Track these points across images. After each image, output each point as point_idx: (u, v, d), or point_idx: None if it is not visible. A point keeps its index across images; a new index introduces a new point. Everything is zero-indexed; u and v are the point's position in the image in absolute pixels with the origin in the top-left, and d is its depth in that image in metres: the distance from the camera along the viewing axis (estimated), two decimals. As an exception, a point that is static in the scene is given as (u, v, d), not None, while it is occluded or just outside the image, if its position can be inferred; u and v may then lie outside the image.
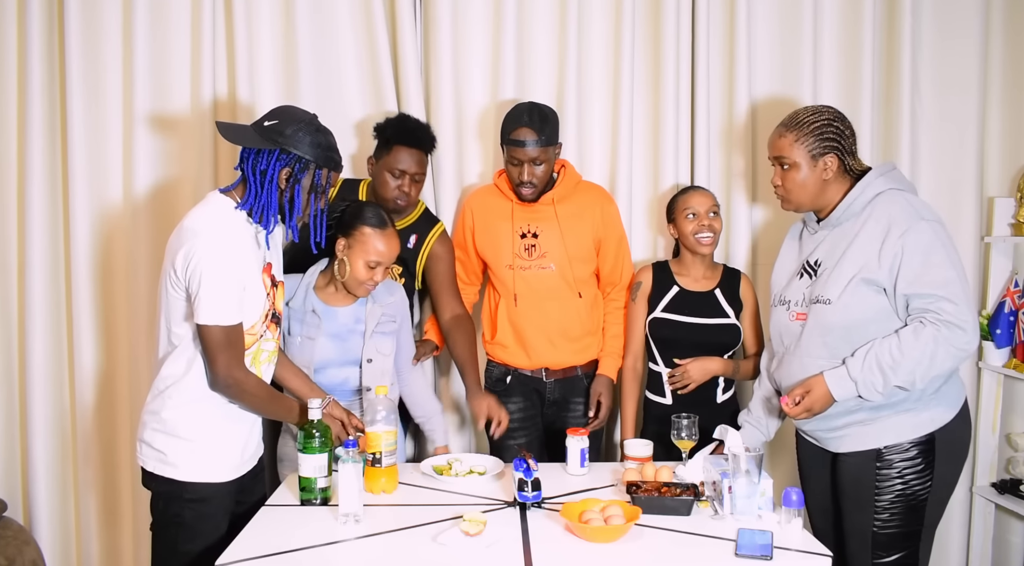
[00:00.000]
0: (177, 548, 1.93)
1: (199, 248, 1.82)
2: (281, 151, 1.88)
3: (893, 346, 1.92)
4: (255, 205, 1.90)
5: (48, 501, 2.84)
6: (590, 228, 2.57)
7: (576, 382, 2.61)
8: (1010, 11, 2.89)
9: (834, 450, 2.10)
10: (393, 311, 2.35)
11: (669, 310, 2.49)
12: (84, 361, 2.79)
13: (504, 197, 2.59)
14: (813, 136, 2.04)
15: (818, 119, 2.05)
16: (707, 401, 2.46)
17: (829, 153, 2.04)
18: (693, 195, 2.49)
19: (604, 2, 2.83)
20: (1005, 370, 2.85)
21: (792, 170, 2.07)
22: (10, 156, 2.82)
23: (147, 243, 2.73)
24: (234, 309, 1.87)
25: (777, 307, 2.19)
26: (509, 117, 2.47)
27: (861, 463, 2.03)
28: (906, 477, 1.98)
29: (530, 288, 2.56)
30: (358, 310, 2.30)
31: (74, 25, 2.69)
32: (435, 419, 2.47)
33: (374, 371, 2.29)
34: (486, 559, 1.68)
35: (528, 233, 2.56)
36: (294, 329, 2.26)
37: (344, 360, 2.28)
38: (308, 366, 2.24)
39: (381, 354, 2.31)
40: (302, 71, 2.76)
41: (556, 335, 2.57)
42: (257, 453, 2.10)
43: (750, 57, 2.79)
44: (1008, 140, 2.92)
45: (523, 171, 2.46)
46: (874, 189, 2.02)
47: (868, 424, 2.01)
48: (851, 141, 2.07)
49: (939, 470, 1.99)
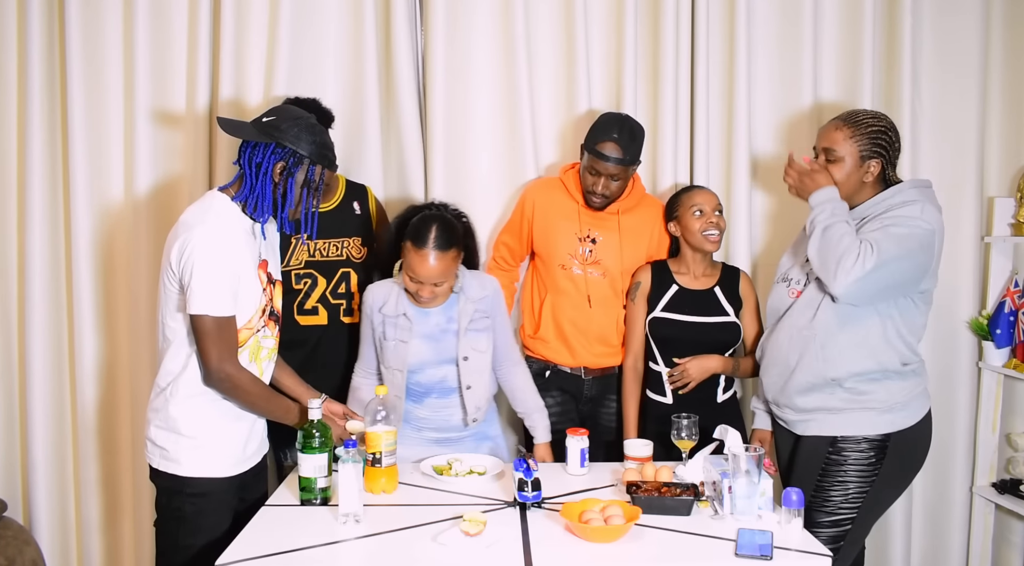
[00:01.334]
0: (179, 542, 1.95)
1: (193, 239, 1.85)
2: (277, 145, 1.91)
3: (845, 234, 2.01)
4: (250, 197, 1.93)
5: (48, 501, 2.84)
6: (646, 243, 2.59)
7: (613, 380, 2.62)
8: (1010, 12, 2.90)
9: (799, 432, 2.21)
10: (486, 307, 2.33)
11: (668, 309, 2.49)
12: (84, 360, 2.79)
13: (570, 196, 2.59)
14: (867, 137, 2.10)
15: (876, 124, 2.12)
16: (708, 400, 2.46)
17: (876, 158, 2.11)
18: (699, 193, 2.50)
19: (605, 3, 2.83)
20: (1005, 370, 2.85)
21: (837, 164, 2.12)
22: (10, 155, 2.82)
23: (147, 242, 2.73)
24: (226, 300, 1.88)
25: (779, 284, 2.28)
26: (599, 126, 2.47)
27: (816, 446, 2.15)
28: (850, 470, 2.09)
29: (579, 291, 2.56)
30: (449, 309, 2.30)
31: (74, 24, 2.69)
32: (535, 415, 2.44)
33: (471, 369, 2.30)
34: (486, 559, 1.68)
35: (588, 238, 2.57)
36: (388, 333, 2.27)
37: (439, 359, 2.29)
38: (402, 369, 2.26)
39: (477, 351, 2.31)
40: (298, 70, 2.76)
41: (595, 340, 2.58)
42: (260, 451, 2.11)
43: (750, 58, 2.80)
44: (1008, 140, 2.93)
45: (599, 182, 2.47)
46: (903, 197, 2.08)
47: (833, 413, 2.13)
48: (897, 154, 2.15)
49: (884, 471, 2.10)
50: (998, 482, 2.91)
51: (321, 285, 2.49)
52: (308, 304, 2.48)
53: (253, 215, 1.96)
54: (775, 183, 2.91)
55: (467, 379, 2.30)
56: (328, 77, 2.78)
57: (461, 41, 2.80)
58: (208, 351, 1.87)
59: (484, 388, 2.34)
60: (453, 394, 2.32)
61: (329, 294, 2.51)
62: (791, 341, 2.16)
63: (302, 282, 2.48)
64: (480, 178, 2.85)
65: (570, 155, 2.82)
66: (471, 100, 2.83)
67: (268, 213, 1.97)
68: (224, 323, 1.88)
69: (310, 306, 2.49)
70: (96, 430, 2.82)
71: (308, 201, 1.98)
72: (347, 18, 2.78)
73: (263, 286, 1.99)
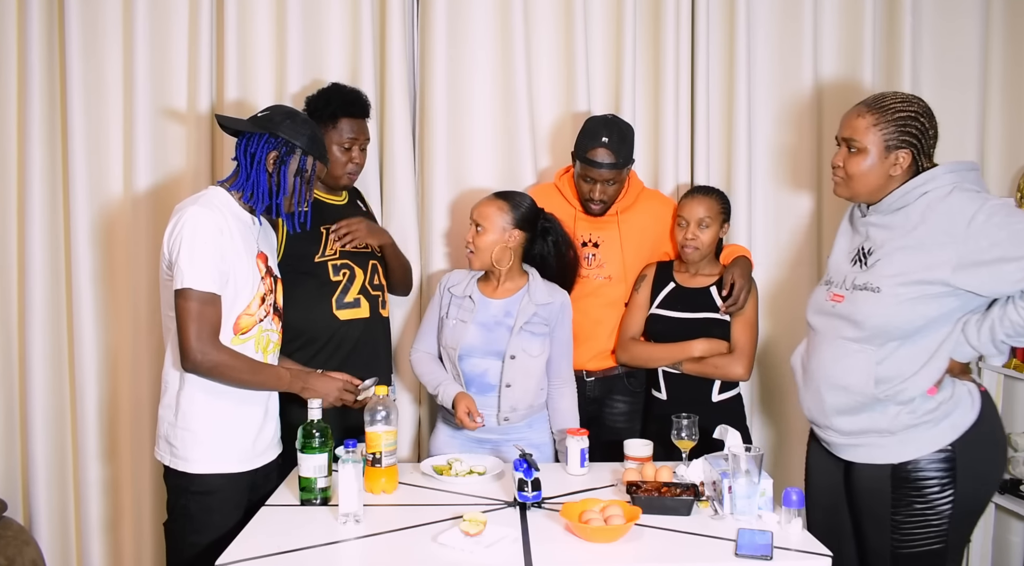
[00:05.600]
0: (185, 539, 1.98)
1: (183, 218, 1.90)
2: (270, 135, 1.99)
3: (1022, 312, 1.77)
4: (245, 185, 2.00)
5: (48, 501, 2.84)
6: (651, 240, 2.58)
7: (616, 381, 2.61)
8: (1010, 11, 2.90)
9: (849, 459, 1.98)
10: (547, 314, 2.33)
11: (663, 306, 2.49)
12: (85, 360, 2.78)
13: (566, 202, 2.57)
14: (894, 125, 1.85)
15: (905, 109, 1.86)
16: (703, 400, 2.45)
17: (905, 148, 1.86)
18: (688, 202, 2.47)
19: (605, 2, 2.83)
20: (1005, 370, 2.85)
21: (859, 155, 1.88)
22: (10, 154, 2.82)
23: (147, 241, 2.74)
24: (211, 275, 1.88)
25: (820, 287, 2.06)
26: (586, 132, 2.43)
27: (876, 476, 1.91)
28: (925, 494, 1.85)
29: (585, 295, 2.54)
30: (511, 304, 2.33)
31: (74, 23, 2.69)
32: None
33: (515, 367, 2.30)
34: (486, 559, 1.68)
35: (589, 242, 2.56)
36: (451, 312, 2.36)
37: (486, 350, 2.31)
38: (455, 348, 2.31)
39: (527, 353, 2.31)
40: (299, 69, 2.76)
41: (604, 342, 2.57)
42: (271, 449, 2.12)
43: (750, 57, 2.80)
44: (1008, 140, 2.93)
45: (595, 189, 2.46)
46: (937, 183, 1.84)
47: (886, 436, 1.89)
48: (932, 142, 1.89)
49: (962, 486, 1.85)
50: (998, 482, 2.90)
51: (360, 276, 2.44)
52: (349, 297, 2.41)
53: (250, 203, 2.02)
54: (775, 182, 2.92)
55: (508, 376, 2.30)
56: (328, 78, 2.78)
57: (460, 42, 2.80)
58: (187, 329, 1.87)
59: (525, 392, 2.33)
60: (491, 392, 2.32)
61: (368, 285, 2.46)
62: (837, 357, 1.92)
63: (340, 273, 2.40)
64: (479, 180, 2.84)
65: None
66: (470, 101, 2.83)
67: (264, 202, 2.02)
68: (207, 300, 1.88)
69: (351, 298, 2.41)
70: (97, 430, 2.82)
71: (301, 191, 2.04)
72: (346, 20, 2.77)
73: (261, 275, 2.02)
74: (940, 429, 1.86)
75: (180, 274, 1.87)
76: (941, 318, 1.84)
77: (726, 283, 2.44)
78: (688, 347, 2.43)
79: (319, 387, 2.08)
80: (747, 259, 2.53)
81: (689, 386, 2.46)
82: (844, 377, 1.92)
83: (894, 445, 1.88)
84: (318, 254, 2.37)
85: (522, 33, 2.77)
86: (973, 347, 1.86)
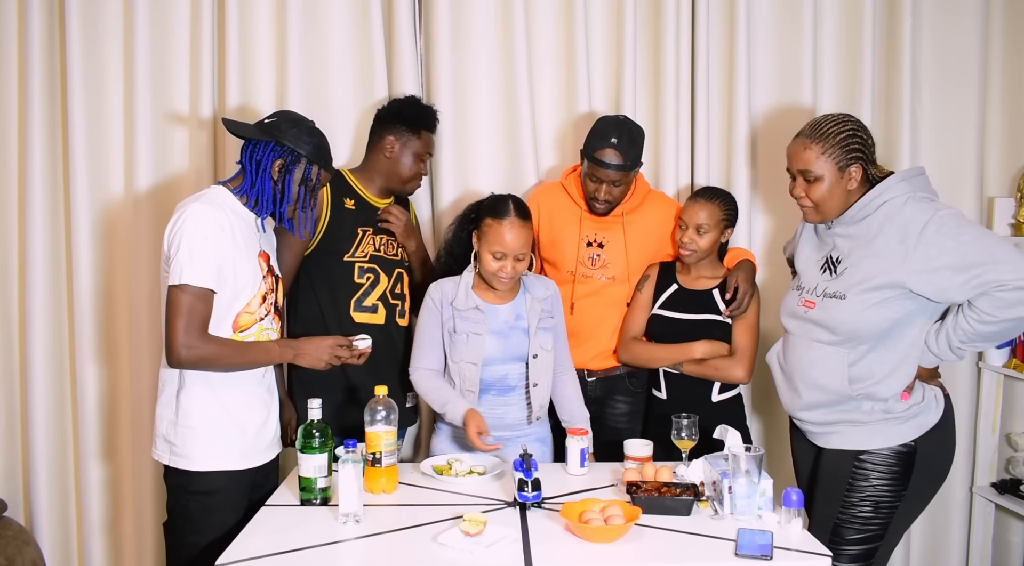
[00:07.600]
0: (184, 539, 1.98)
1: (183, 216, 1.91)
2: (277, 143, 2.00)
3: (970, 321, 1.90)
4: (250, 192, 2.01)
5: (49, 501, 2.85)
6: (655, 242, 2.58)
7: (617, 381, 2.61)
8: (1010, 12, 2.90)
9: (821, 445, 2.13)
10: (549, 307, 2.36)
11: (665, 307, 2.50)
12: (85, 359, 2.79)
13: (572, 201, 2.58)
14: (839, 148, 2.00)
15: (843, 130, 2.00)
16: (703, 400, 2.46)
17: (854, 163, 2.01)
18: (690, 206, 2.47)
19: (606, 4, 2.83)
20: (1005, 370, 2.85)
21: (817, 183, 2.02)
22: (10, 154, 2.82)
23: (148, 241, 2.74)
24: (207, 271, 1.89)
25: (792, 291, 2.19)
26: (597, 132, 2.44)
27: (841, 460, 2.06)
28: (877, 484, 2.01)
29: (587, 295, 2.55)
30: (517, 306, 2.33)
31: (75, 23, 2.70)
32: (580, 425, 2.38)
33: (539, 366, 2.31)
34: (486, 559, 1.68)
35: (594, 242, 2.56)
36: (459, 326, 2.28)
37: (507, 356, 2.30)
38: (476, 361, 2.27)
39: (545, 350, 2.33)
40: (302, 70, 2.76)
41: (606, 342, 2.57)
42: (271, 448, 2.12)
43: (750, 58, 2.80)
44: (1008, 140, 2.93)
45: (601, 189, 2.46)
46: (892, 193, 1.98)
47: (858, 425, 2.04)
48: (873, 149, 2.05)
49: (914, 482, 2.02)
50: (998, 482, 2.91)
51: (383, 282, 2.46)
52: (368, 301, 2.43)
53: (254, 210, 2.03)
54: (775, 182, 2.92)
55: (535, 376, 2.31)
56: (335, 85, 2.79)
57: (463, 44, 2.80)
58: (175, 323, 1.87)
59: (547, 388, 2.35)
60: (511, 392, 2.33)
61: (389, 293, 2.47)
62: (814, 359, 2.06)
63: (365, 276, 2.43)
64: (483, 181, 2.84)
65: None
66: (474, 104, 2.83)
67: (268, 208, 2.03)
68: (200, 295, 1.88)
69: (369, 303, 2.43)
70: (97, 429, 2.83)
71: (305, 199, 2.05)
72: (352, 24, 2.78)
73: (263, 273, 2.03)
74: (908, 426, 2.02)
75: (178, 269, 1.87)
76: (904, 320, 1.98)
77: (730, 287, 2.44)
78: (689, 349, 2.43)
79: (311, 351, 2.07)
80: (751, 263, 2.53)
81: (689, 386, 2.46)
82: (820, 377, 2.06)
83: (864, 434, 2.04)
84: (348, 253, 2.40)
85: (523, 36, 2.78)
86: (935, 354, 2.01)
